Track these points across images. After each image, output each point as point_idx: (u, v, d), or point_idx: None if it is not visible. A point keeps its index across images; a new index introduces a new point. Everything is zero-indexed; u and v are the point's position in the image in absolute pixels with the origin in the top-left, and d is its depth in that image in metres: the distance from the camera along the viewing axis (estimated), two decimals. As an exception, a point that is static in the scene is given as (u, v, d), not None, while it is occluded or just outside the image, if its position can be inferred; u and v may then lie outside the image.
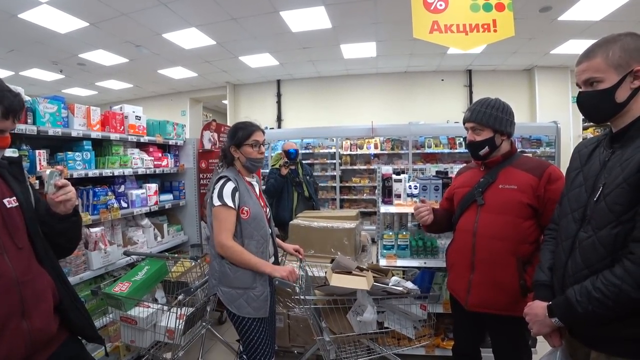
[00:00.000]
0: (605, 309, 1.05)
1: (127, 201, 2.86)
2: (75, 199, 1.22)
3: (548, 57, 7.34)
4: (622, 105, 1.13)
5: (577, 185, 1.26)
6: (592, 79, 1.16)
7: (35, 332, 1.10)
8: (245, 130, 1.93)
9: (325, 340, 2.01)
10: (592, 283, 1.09)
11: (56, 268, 1.25)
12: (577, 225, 1.21)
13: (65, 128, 2.37)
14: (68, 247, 1.35)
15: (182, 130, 3.55)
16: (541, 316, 1.24)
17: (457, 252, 1.83)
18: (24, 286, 1.09)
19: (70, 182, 1.22)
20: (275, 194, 3.78)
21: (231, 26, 5.80)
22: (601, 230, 1.11)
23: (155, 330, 2.18)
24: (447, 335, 2.61)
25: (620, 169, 1.09)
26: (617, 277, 1.03)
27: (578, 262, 1.17)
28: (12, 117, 1.11)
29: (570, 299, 1.13)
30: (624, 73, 1.11)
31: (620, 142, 1.16)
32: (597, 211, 1.13)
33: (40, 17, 5.11)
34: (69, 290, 1.28)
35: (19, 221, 1.15)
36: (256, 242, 1.85)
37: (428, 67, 8.27)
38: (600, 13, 5.32)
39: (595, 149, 1.27)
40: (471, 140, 1.77)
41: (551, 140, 6.54)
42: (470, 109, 1.80)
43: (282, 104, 9.29)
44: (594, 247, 1.13)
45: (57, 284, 1.21)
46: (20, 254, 1.12)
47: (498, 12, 2.99)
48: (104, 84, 8.92)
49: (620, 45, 1.11)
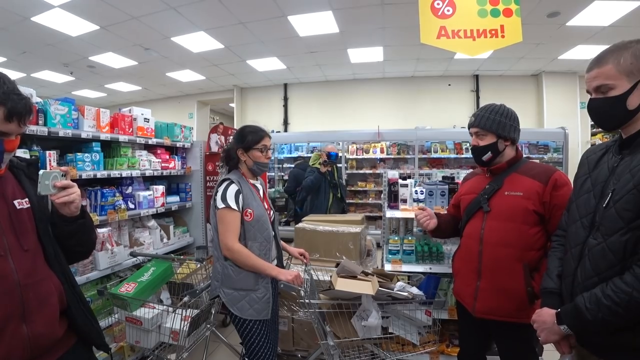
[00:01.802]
0: (615, 316, 1.04)
1: (134, 202, 2.88)
2: (79, 200, 1.18)
3: (556, 63, 7.29)
4: (634, 113, 1.12)
5: (585, 191, 1.25)
6: (603, 86, 1.15)
7: (35, 336, 1.08)
8: (255, 134, 1.95)
9: (329, 344, 2.00)
10: (602, 290, 1.08)
11: (66, 272, 1.22)
12: (587, 231, 1.20)
13: (76, 129, 2.40)
14: (79, 250, 1.31)
15: (189, 133, 3.57)
16: (549, 323, 1.23)
17: (464, 259, 1.82)
18: (26, 289, 1.08)
19: (76, 183, 1.18)
20: (312, 189, 4.17)
21: (239, 30, 5.85)
22: (611, 237, 1.10)
23: (160, 332, 2.19)
24: (452, 342, 2.58)
25: (630, 175, 1.09)
26: (628, 285, 1.02)
27: (587, 269, 1.16)
28: (17, 121, 1.07)
29: (579, 306, 1.12)
30: (635, 80, 1.10)
31: (630, 148, 1.15)
32: (606, 217, 1.12)
33: (52, 20, 5.21)
34: (77, 295, 1.25)
35: (29, 223, 1.14)
36: (259, 244, 1.85)
37: (435, 72, 8.26)
38: (609, 19, 5.28)
39: (604, 155, 1.26)
40: (475, 145, 1.78)
41: (559, 146, 6.49)
42: (474, 114, 1.81)
43: (289, 107, 9.33)
44: (603, 254, 1.11)
45: (65, 289, 1.19)
46: (25, 256, 1.10)
47: (506, 17, 2.98)
48: (113, 86, 9.04)
49: (632, 52, 1.10)
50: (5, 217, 1.10)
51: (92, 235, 1.33)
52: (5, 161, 1.13)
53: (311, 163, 4.45)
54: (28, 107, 1.10)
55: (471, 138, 1.82)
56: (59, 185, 1.13)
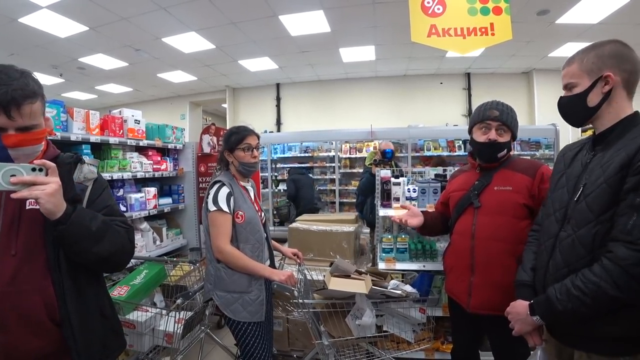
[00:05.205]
0: (584, 306, 1.08)
1: (125, 205, 2.86)
2: (45, 201, 0.96)
3: (546, 60, 7.37)
4: (594, 110, 1.18)
5: (560, 187, 1.29)
6: (570, 84, 1.23)
7: (10, 347, 0.99)
8: (238, 134, 1.93)
9: (324, 344, 2.00)
10: (572, 281, 1.11)
11: (66, 283, 1.08)
12: (559, 225, 1.24)
13: (65, 132, 2.37)
14: (81, 260, 1.11)
15: (181, 134, 3.55)
16: (523, 314, 1.26)
17: (456, 255, 1.83)
18: (4, 297, 0.98)
19: (54, 182, 0.99)
20: (366, 192, 3.60)
21: (231, 30, 5.82)
22: (581, 230, 1.14)
23: (153, 335, 2.17)
24: (447, 339, 2.60)
25: (601, 170, 1.12)
26: (596, 276, 1.06)
27: (558, 261, 1.20)
28: (4, 112, 0.95)
29: (550, 297, 1.16)
30: (595, 78, 1.16)
31: (602, 144, 1.20)
32: (577, 211, 1.17)
33: (40, 21, 5.14)
34: (85, 308, 1.12)
35: (36, 224, 1.05)
36: (251, 246, 1.85)
37: (427, 71, 8.30)
38: (598, 16, 5.35)
39: (579, 152, 1.30)
40: (494, 141, 1.70)
41: (550, 143, 6.54)
42: (495, 107, 1.73)
43: (281, 107, 9.31)
44: (573, 246, 1.16)
45: (59, 303, 1.06)
46: (9, 262, 1.01)
47: (495, 15, 3.01)
48: (103, 87, 8.95)
49: (596, 53, 1.17)
50: (9, 217, 1.04)
51: (86, 246, 1.08)
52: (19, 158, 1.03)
53: (367, 163, 4.03)
54: (11, 95, 0.95)
55: (480, 132, 1.74)
56: (15, 182, 0.94)
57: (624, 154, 1.07)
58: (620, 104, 1.16)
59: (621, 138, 1.13)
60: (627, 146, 1.08)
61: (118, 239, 1.17)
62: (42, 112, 1.08)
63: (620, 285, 1.01)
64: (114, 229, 1.17)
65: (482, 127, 1.74)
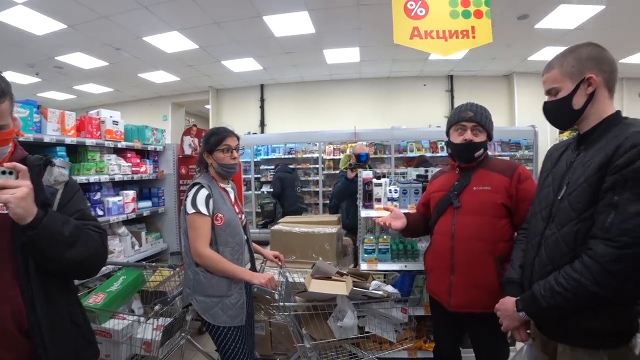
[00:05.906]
0: (566, 302, 1.11)
1: (103, 209, 2.78)
2: (15, 205, 0.92)
3: (526, 64, 7.55)
4: (580, 112, 1.21)
5: (546, 186, 1.33)
6: (553, 89, 1.25)
7: None
8: (217, 135, 1.91)
9: (306, 347, 1.98)
10: (555, 278, 1.15)
11: (34, 292, 1.03)
12: (545, 223, 1.27)
13: (38, 133, 2.29)
14: (51, 268, 1.07)
15: (161, 136, 3.48)
16: (510, 311, 1.30)
17: (436, 255, 1.85)
18: None
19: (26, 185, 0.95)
20: (342, 197, 3.56)
21: (214, 30, 5.76)
22: (564, 228, 1.17)
23: (131, 343, 2.11)
24: (430, 338, 2.61)
25: (582, 169, 1.16)
26: (577, 272, 1.09)
27: (543, 259, 1.24)
28: None
29: (535, 293, 1.20)
30: (577, 81, 1.19)
31: (585, 144, 1.23)
32: (560, 209, 1.20)
33: (15, 18, 4.97)
34: (51, 315, 1.07)
35: (2, 230, 1.01)
36: (231, 249, 1.82)
37: (410, 73, 8.39)
38: (574, 22, 5.51)
39: (565, 151, 1.33)
40: (470, 141, 1.74)
41: (529, 144, 6.69)
42: (469, 108, 1.77)
43: (265, 108, 9.26)
44: (557, 244, 1.19)
45: (29, 310, 1.02)
46: None
47: (476, 19, 3.06)
48: (82, 87, 8.72)
49: (574, 56, 1.20)
50: None
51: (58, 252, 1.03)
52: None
53: (341, 166, 3.92)
54: None
55: (456, 133, 1.78)
56: None
57: (603, 154, 1.10)
58: (602, 104, 1.20)
59: (603, 137, 1.16)
60: (607, 146, 1.11)
61: (92, 243, 1.13)
62: (10, 112, 1.03)
63: (599, 282, 1.05)
64: (87, 233, 1.12)
65: (458, 128, 1.78)
